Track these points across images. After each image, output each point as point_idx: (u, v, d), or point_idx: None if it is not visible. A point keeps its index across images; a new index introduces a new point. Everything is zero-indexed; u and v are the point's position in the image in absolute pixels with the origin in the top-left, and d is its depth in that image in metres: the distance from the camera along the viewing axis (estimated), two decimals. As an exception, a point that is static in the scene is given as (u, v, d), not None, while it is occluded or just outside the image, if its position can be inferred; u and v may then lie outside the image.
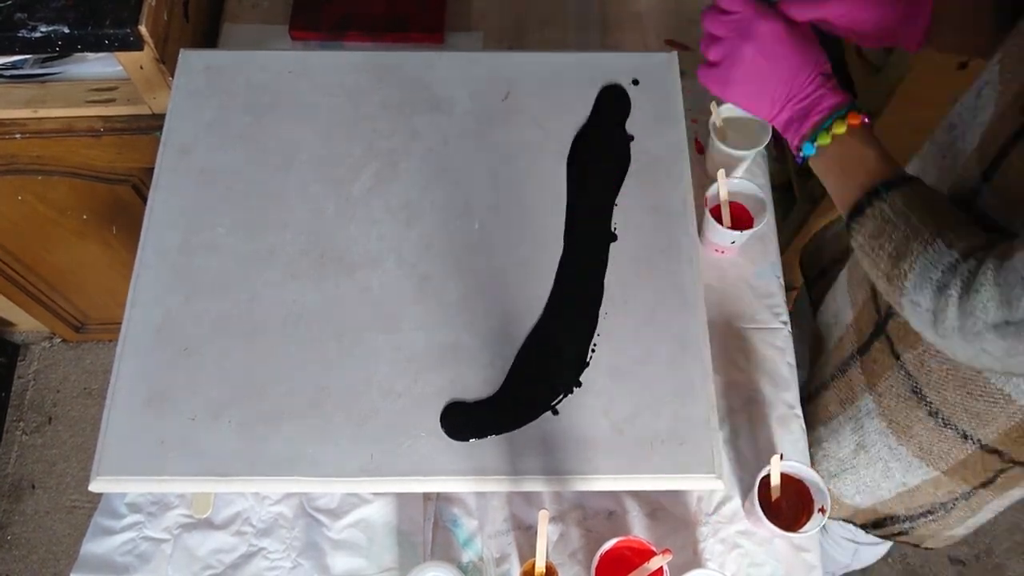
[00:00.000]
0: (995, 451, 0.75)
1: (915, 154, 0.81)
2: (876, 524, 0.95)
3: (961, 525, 0.89)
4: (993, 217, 0.63)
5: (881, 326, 0.81)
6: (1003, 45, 0.65)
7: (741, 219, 0.96)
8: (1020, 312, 0.53)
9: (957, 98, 0.72)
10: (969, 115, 0.68)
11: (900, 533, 0.94)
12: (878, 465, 0.87)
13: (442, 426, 0.79)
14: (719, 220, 0.94)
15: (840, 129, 0.66)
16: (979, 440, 0.75)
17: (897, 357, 0.79)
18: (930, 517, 0.89)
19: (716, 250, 0.99)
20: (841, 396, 0.89)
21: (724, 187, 0.94)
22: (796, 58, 0.69)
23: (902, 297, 0.62)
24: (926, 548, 0.97)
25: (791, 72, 0.69)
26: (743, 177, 0.99)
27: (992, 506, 0.85)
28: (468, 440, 0.79)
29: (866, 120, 0.67)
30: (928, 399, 0.77)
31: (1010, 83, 0.62)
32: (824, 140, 0.67)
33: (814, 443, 0.94)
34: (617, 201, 0.91)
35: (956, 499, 0.84)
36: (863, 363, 0.85)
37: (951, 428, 0.76)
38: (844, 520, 0.98)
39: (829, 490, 0.90)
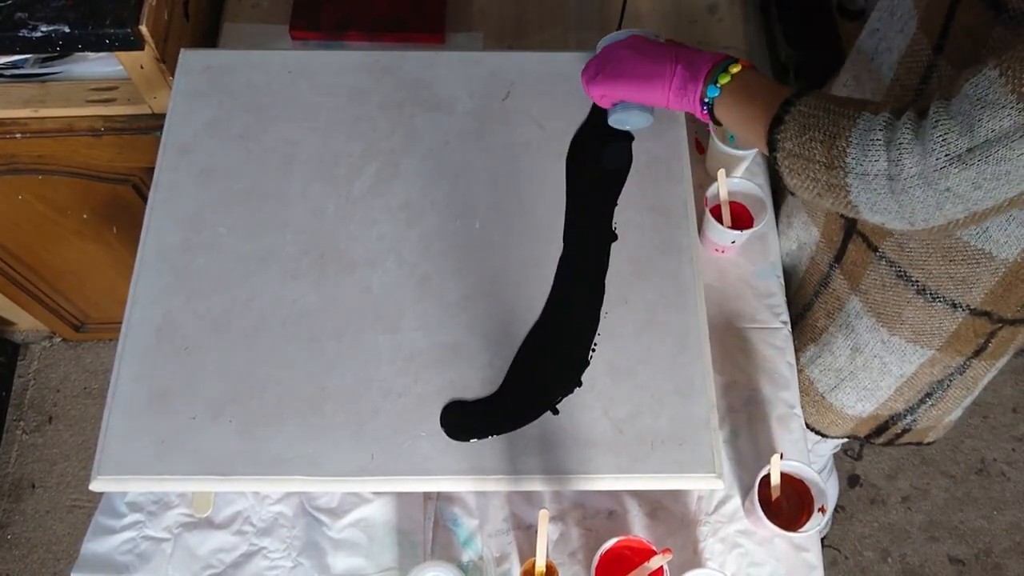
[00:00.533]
0: (984, 313, 0.78)
1: (842, 69, 0.86)
2: (879, 430, 0.98)
3: (959, 407, 0.93)
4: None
5: (851, 227, 0.85)
6: None
7: (741, 219, 0.96)
8: (981, 133, 0.55)
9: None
10: (888, 16, 0.73)
11: (904, 432, 0.97)
12: (874, 363, 0.90)
13: (442, 426, 0.79)
14: (719, 220, 0.94)
15: (735, 68, 0.74)
16: (967, 305, 0.78)
17: (875, 249, 0.82)
18: (929, 402, 0.92)
19: (716, 249, 0.99)
20: (828, 308, 0.92)
21: (724, 187, 0.94)
22: (660, 44, 0.81)
23: (848, 176, 0.63)
24: (928, 443, 1.00)
25: (663, 49, 0.80)
26: (743, 177, 0.99)
27: (985, 380, 0.90)
28: (468, 440, 0.79)
29: (745, 65, 0.74)
30: (913, 278, 0.80)
31: None
32: (725, 79, 0.74)
33: (807, 363, 0.97)
34: (617, 201, 0.91)
35: (952, 374, 0.87)
36: (842, 269, 0.89)
37: (940, 300, 0.79)
38: (846, 436, 1.01)
39: (828, 408, 0.94)
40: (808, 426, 1.03)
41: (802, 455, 0.91)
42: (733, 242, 0.96)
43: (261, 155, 0.93)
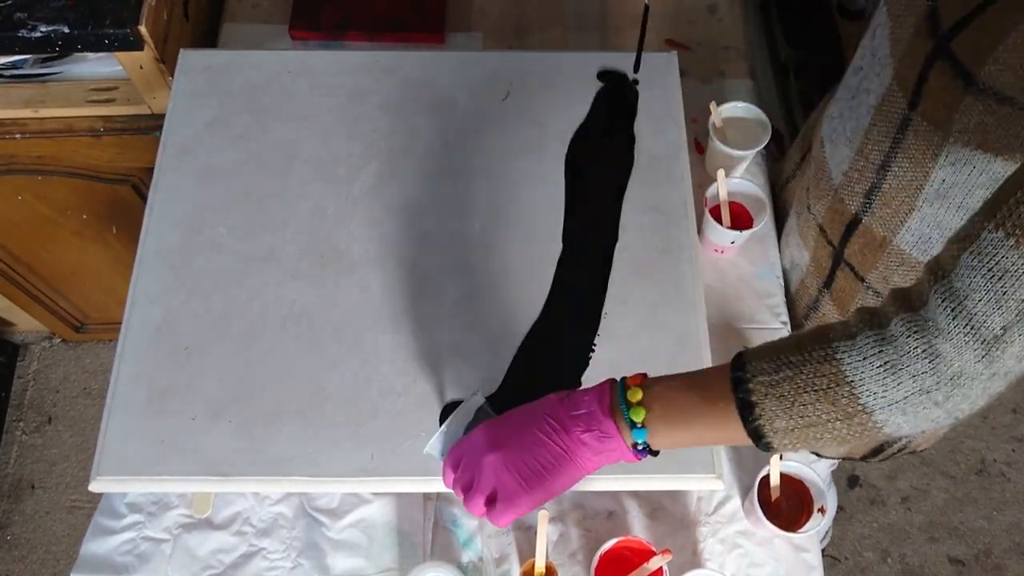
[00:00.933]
0: None
1: (832, 99, 0.84)
2: (875, 452, 0.97)
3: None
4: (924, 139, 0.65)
5: (838, 256, 0.84)
6: None
7: (741, 219, 0.96)
8: (1013, 306, 0.48)
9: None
10: (870, 56, 0.72)
11: (899, 451, 0.96)
12: None
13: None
14: (719, 220, 0.94)
15: (637, 396, 0.61)
16: None
17: (862, 280, 0.81)
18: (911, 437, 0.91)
19: (716, 250, 0.99)
20: None
21: (724, 187, 0.94)
22: (528, 424, 0.64)
23: (873, 416, 0.54)
24: (921, 451, 0.99)
25: (536, 435, 0.63)
26: (743, 177, 0.99)
27: None
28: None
29: (640, 378, 0.62)
30: None
31: (899, 18, 0.65)
32: (638, 415, 0.60)
33: None
34: (622, 204, 0.91)
35: None
36: (832, 295, 0.88)
37: None
38: (843, 458, 1.00)
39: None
40: None
41: (802, 455, 0.91)
42: (733, 242, 0.96)
43: (261, 155, 0.93)
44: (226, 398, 0.81)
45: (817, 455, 1.00)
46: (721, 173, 0.94)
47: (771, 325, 0.97)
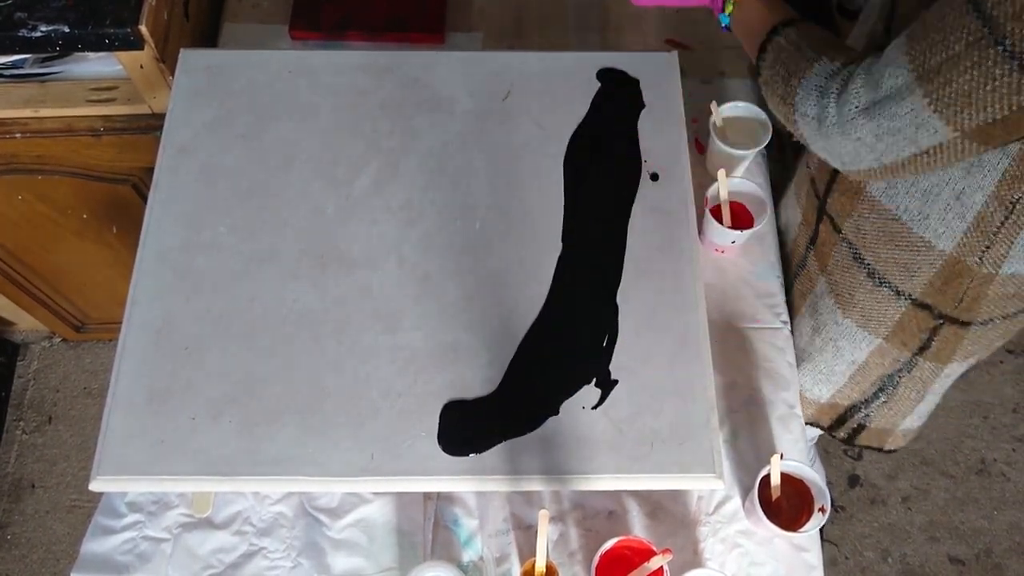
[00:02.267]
0: (924, 305, 0.82)
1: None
2: (839, 420, 1.02)
3: (913, 412, 0.97)
4: None
5: (822, 207, 0.89)
6: None
7: (741, 218, 0.96)
8: (883, 89, 0.61)
9: None
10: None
11: (860, 427, 1.01)
12: (829, 347, 0.94)
13: (439, 440, 0.79)
14: (720, 220, 0.94)
15: (729, 8, 0.81)
16: (909, 294, 0.82)
17: (839, 231, 0.86)
18: (881, 397, 0.96)
19: (716, 249, 0.99)
20: (802, 288, 0.97)
21: (724, 187, 0.94)
22: None
23: (795, 113, 0.71)
24: (889, 451, 1.06)
25: None
26: (743, 177, 0.99)
27: (935, 386, 0.93)
28: (467, 455, 0.79)
29: None
30: (866, 261, 0.84)
31: None
32: (728, 8, 0.81)
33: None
34: (632, 207, 0.91)
35: (900, 369, 0.91)
36: (816, 251, 0.93)
37: (886, 286, 0.83)
38: (810, 424, 1.05)
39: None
40: None
41: (802, 455, 0.91)
42: (733, 242, 0.96)
43: (261, 155, 0.93)
44: (226, 398, 0.81)
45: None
46: (722, 173, 0.94)
47: (771, 324, 0.97)
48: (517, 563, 0.85)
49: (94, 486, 0.78)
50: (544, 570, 0.78)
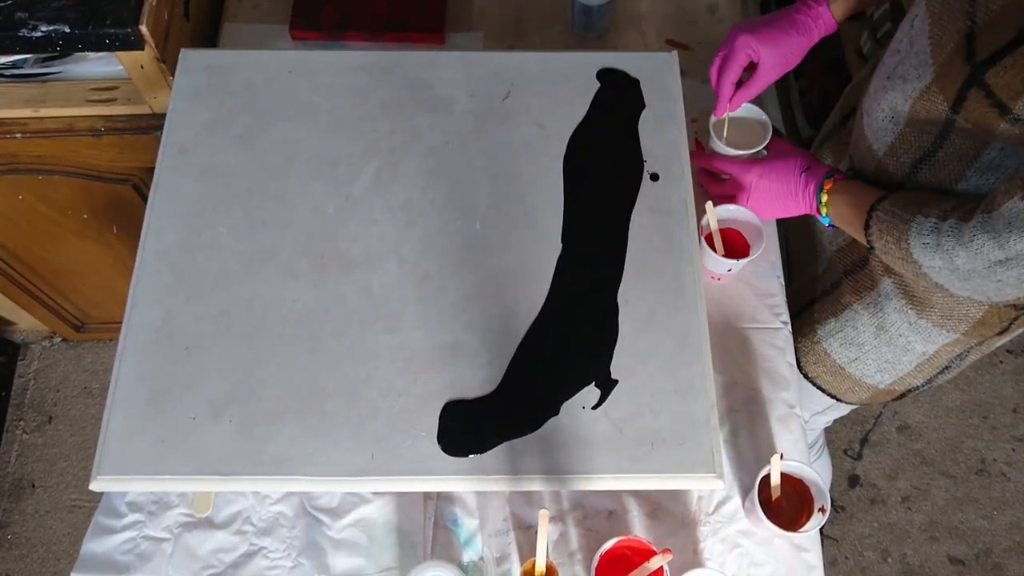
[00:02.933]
0: (1011, 304, 0.83)
1: (858, 74, 0.97)
2: (898, 398, 1.03)
3: (971, 366, 1.00)
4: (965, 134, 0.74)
5: None
6: None
7: (737, 245, 0.96)
8: (1014, 249, 0.66)
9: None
10: (907, 45, 0.78)
11: (918, 394, 1.05)
12: (899, 341, 0.94)
13: (439, 442, 0.79)
14: (713, 249, 0.93)
15: (824, 198, 0.88)
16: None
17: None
18: (946, 374, 0.97)
19: (712, 277, 0.98)
20: (857, 286, 0.96)
21: (713, 217, 0.94)
22: (777, 173, 0.93)
23: (923, 268, 0.76)
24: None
25: (785, 189, 0.93)
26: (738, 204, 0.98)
27: (999, 343, 0.96)
28: (467, 456, 0.79)
29: (838, 178, 0.87)
30: None
31: (939, 20, 0.72)
32: (824, 210, 0.88)
33: (825, 336, 1.00)
34: (633, 207, 0.91)
35: (970, 348, 0.92)
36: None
37: None
38: (862, 404, 1.07)
39: (848, 376, 1.01)
40: (822, 389, 1.07)
41: (802, 455, 0.91)
42: (730, 270, 0.95)
43: (261, 155, 0.93)
44: (226, 398, 0.81)
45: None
46: (709, 205, 0.93)
47: (771, 325, 0.97)
48: (517, 563, 0.85)
49: (94, 486, 0.78)
50: (544, 570, 0.78)
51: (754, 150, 0.98)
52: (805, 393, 1.07)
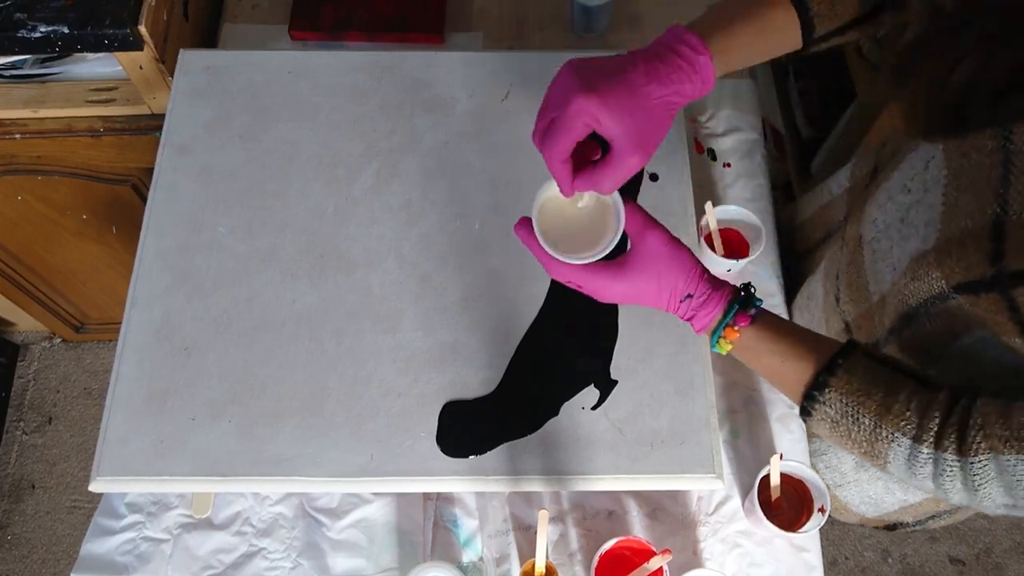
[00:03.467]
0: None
1: (873, 201, 0.78)
2: (888, 528, 0.96)
3: (968, 511, 0.90)
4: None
5: (848, 328, 0.83)
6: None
7: (736, 246, 0.95)
8: (1021, 495, 0.57)
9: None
10: (920, 185, 0.68)
11: (915, 531, 0.95)
12: (878, 483, 0.88)
13: (439, 443, 0.79)
14: (713, 249, 0.93)
15: (724, 349, 0.66)
16: None
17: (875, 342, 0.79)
18: (939, 520, 0.90)
19: None
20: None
21: (713, 217, 0.93)
22: (650, 299, 0.67)
23: (888, 466, 0.63)
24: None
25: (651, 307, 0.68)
26: (737, 205, 0.97)
27: None
28: (467, 457, 0.79)
29: (741, 323, 0.65)
30: None
31: (958, 181, 0.62)
32: (723, 349, 0.66)
33: (814, 453, 0.94)
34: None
35: (959, 507, 0.85)
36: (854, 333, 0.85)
37: None
38: (857, 524, 0.99)
39: (835, 497, 0.91)
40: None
41: (802, 455, 0.91)
42: (729, 270, 0.95)
43: (261, 155, 0.93)
44: (226, 398, 0.81)
45: None
46: (709, 205, 0.92)
47: (771, 325, 0.97)
48: (517, 563, 0.85)
49: (94, 487, 0.78)
50: (544, 570, 0.78)
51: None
52: None
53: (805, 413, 0.65)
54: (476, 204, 0.91)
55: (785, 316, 0.98)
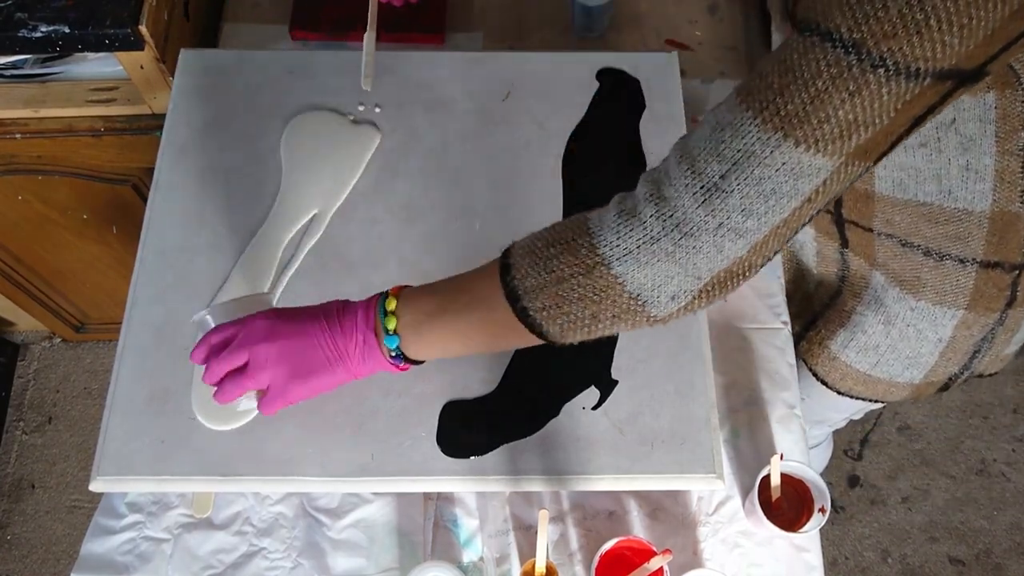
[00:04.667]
0: (994, 264, 0.79)
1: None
2: (943, 388, 0.98)
3: (1010, 343, 0.93)
4: None
5: (839, 219, 0.86)
6: None
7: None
8: (729, 154, 0.52)
9: None
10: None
11: (965, 381, 0.97)
12: (910, 332, 0.90)
13: (439, 442, 0.79)
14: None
15: (391, 304, 0.66)
16: (973, 259, 0.79)
17: (870, 230, 0.83)
18: (979, 356, 0.92)
19: None
20: (855, 288, 0.93)
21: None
22: (307, 323, 0.68)
23: (611, 267, 0.56)
24: (990, 375, 1.00)
25: (312, 336, 0.68)
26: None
27: None
28: (468, 458, 0.79)
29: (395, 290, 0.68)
30: (915, 243, 0.81)
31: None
32: (391, 322, 0.66)
33: (840, 349, 0.97)
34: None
35: (993, 329, 0.87)
36: (853, 251, 0.89)
37: (948, 258, 0.80)
38: (909, 400, 1.01)
39: (879, 380, 0.95)
40: (863, 398, 1.02)
41: (802, 455, 0.91)
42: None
43: (261, 155, 0.93)
44: (226, 398, 0.81)
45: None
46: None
47: (772, 325, 0.97)
48: (517, 563, 0.85)
49: (94, 486, 0.78)
50: (544, 570, 0.78)
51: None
52: (829, 399, 1.05)
53: (515, 300, 0.60)
54: (476, 204, 0.91)
55: (786, 316, 0.98)
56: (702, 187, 0.53)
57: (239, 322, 0.70)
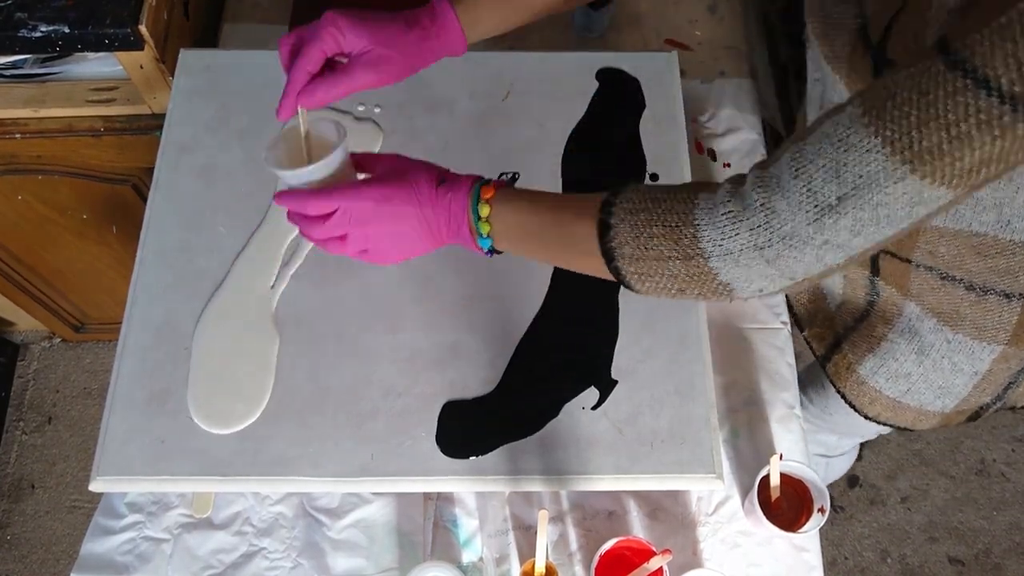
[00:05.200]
0: None
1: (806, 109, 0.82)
2: (973, 417, 0.94)
3: None
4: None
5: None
6: None
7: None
8: (849, 179, 0.52)
9: None
10: (819, 71, 0.73)
11: (998, 411, 0.94)
12: (944, 364, 0.87)
13: (438, 442, 0.79)
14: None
15: (485, 211, 0.67)
16: (1020, 293, 0.76)
17: (908, 260, 0.80)
18: (1013, 387, 0.88)
19: None
20: (886, 315, 0.89)
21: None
22: (405, 193, 0.70)
23: (709, 261, 0.57)
24: (1021, 408, 0.96)
25: (408, 214, 0.70)
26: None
27: None
28: (468, 458, 0.79)
29: (498, 184, 0.68)
30: (957, 278, 0.77)
31: (828, 37, 0.68)
32: (484, 228, 0.68)
33: (870, 375, 0.92)
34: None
35: None
36: (884, 280, 0.85)
37: (992, 293, 0.77)
38: (937, 428, 0.97)
39: (908, 407, 0.91)
40: (891, 425, 0.98)
41: (802, 455, 0.91)
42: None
43: (261, 155, 0.93)
44: (226, 398, 0.81)
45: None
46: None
47: (771, 324, 0.97)
48: (517, 563, 0.85)
49: (94, 486, 0.78)
50: (544, 571, 0.78)
51: (321, 164, 0.71)
52: (856, 421, 1.00)
53: (610, 259, 0.61)
54: (476, 204, 0.91)
55: (786, 317, 0.98)
56: (816, 207, 0.53)
57: (338, 196, 0.69)
